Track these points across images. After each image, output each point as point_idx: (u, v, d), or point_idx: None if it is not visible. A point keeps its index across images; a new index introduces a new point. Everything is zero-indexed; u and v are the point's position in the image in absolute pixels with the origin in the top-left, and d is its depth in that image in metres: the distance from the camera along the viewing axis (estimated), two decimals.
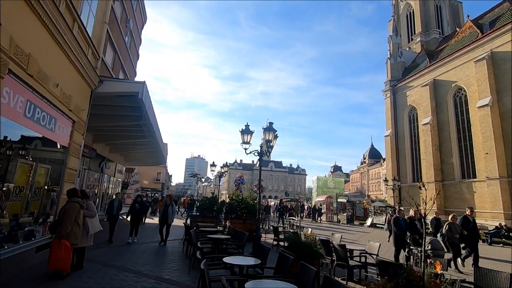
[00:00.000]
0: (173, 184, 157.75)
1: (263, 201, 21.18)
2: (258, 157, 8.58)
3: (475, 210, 25.60)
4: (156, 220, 14.89)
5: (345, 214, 23.42)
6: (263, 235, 10.81)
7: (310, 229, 8.48)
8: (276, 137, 8.36)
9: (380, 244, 6.15)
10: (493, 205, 22.31)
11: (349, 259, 5.47)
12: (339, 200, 25.49)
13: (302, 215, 22.75)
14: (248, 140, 8.55)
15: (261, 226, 10.89)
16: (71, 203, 4.98)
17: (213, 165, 17.68)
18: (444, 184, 27.80)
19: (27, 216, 6.10)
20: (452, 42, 29.98)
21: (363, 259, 5.82)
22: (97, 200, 17.08)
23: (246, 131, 8.54)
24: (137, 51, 21.46)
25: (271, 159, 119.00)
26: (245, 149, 8.56)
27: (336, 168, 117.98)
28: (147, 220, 16.24)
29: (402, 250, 7.64)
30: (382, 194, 79.43)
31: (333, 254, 5.82)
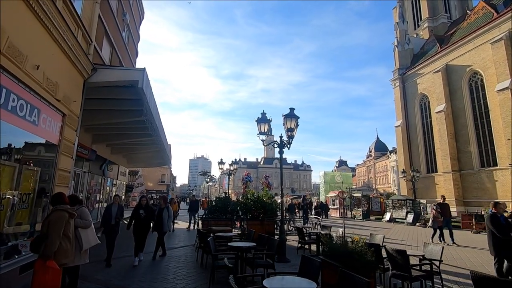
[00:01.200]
0: (177, 185, 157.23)
1: (285, 199, 20.05)
2: (276, 149, 7.47)
3: (496, 200, 24.44)
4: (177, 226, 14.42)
5: (360, 209, 22.27)
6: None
7: (340, 229, 7.36)
8: (297, 125, 7.23)
9: (443, 248, 4.99)
10: None
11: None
12: (354, 195, 24.34)
13: (311, 212, 21.65)
14: (265, 130, 7.44)
15: (277, 227, 9.80)
16: (57, 212, 3.88)
17: (221, 162, 16.56)
18: (461, 174, 26.53)
19: (13, 227, 5.07)
20: (464, 25, 28.59)
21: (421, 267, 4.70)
22: (100, 205, 16.08)
23: (263, 120, 7.43)
24: (135, 48, 20.37)
25: (275, 156, 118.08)
26: (263, 140, 7.44)
27: (342, 163, 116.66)
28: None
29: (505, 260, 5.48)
30: (390, 187, 78.14)
31: (385, 261, 4.72)
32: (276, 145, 7.35)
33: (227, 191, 11.30)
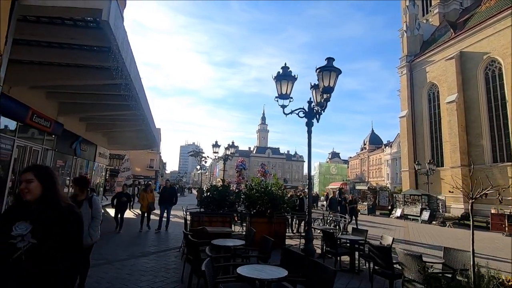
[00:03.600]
0: (167, 172, 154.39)
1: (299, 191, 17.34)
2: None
3: (509, 198, 22.97)
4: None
5: (365, 203, 20.47)
6: (289, 241, 7.58)
7: (390, 238, 5.24)
8: (335, 83, 4.94)
9: None
10: None
11: None
12: (358, 187, 22.48)
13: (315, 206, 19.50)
14: (287, 92, 5.16)
15: (288, 226, 7.64)
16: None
17: (215, 145, 14.16)
18: (471, 169, 24.86)
19: None
20: (483, 9, 26.49)
21: None
22: (71, 190, 13.63)
23: (285, 77, 5.14)
24: None
25: (268, 146, 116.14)
26: (283, 107, 5.16)
27: (334, 155, 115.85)
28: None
29: None
30: (384, 180, 77.44)
31: None
32: (302, 115, 5.08)
33: (223, 178, 8.89)
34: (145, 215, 10.50)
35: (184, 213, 7.02)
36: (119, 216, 9.86)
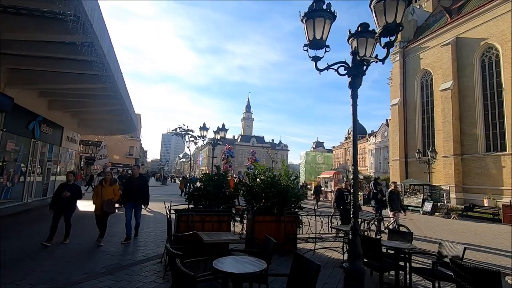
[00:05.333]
0: (148, 160, 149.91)
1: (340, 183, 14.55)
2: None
3: (501, 188, 22.72)
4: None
5: (361, 193, 19.48)
6: (302, 244, 6.07)
7: (460, 247, 3.82)
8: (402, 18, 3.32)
9: None
10: None
11: None
12: (351, 177, 21.35)
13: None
14: (322, 37, 3.51)
15: (300, 226, 6.12)
16: None
17: (203, 128, 12.25)
18: (463, 158, 24.48)
19: None
20: None
21: None
22: (30, 179, 11.54)
23: (319, 13, 3.47)
24: None
25: (253, 134, 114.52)
26: (316, 59, 3.54)
27: (318, 144, 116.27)
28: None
29: None
30: (367, 169, 78.17)
31: None
32: (344, 71, 3.47)
33: (217, 165, 6.71)
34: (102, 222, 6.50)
35: (168, 211, 4.83)
36: (65, 220, 6.32)
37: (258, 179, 6.02)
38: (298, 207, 5.99)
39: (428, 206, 14.37)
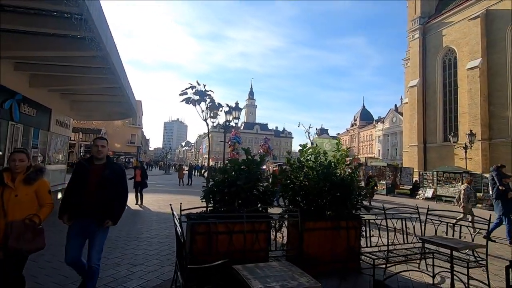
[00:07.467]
0: (151, 148, 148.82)
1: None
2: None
3: None
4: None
5: (384, 182, 17.75)
6: (367, 259, 4.29)
7: None
8: None
9: None
10: None
11: None
12: (373, 163, 19.65)
13: None
14: None
15: (364, 232, 4.32)
16: None
17: (235, 108, 9.80)
18: (491, 144, 22.55)
19: None
20: None
21: None
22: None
23: None
24: None
25: (256, 121, 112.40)
26: None
27: (323, 131, 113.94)
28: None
29: None
30: (374, 156, 76.38)
31: None
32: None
33: (246, 148, 4.76)
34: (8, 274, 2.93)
35: (177, 220, 2.88)
36: None
37: (305, 168, 4.24)
38: (361, 208, 4.23)
39: None
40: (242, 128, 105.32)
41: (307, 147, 4.52)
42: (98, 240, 3.06)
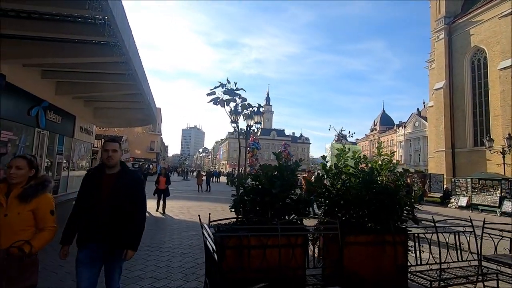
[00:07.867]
0: (169, 155, 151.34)
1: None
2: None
3: None
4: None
5: (414, 189, 16.78)
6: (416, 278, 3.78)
7: None
8: None
9: None
10: None
11: None
12: (398, 169, 18.66)
13: None
14: None
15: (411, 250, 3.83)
16: None
17: (249, 106, 8.69)
18: None
19: None
20: None
21: None
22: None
23: None
24: None
25: (273, 127, 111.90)
26: None
27: (341, 137, 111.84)
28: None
29: None
30: (397, 161, 73.77)
31: None
32: None
33: (278, 152, 4.61)
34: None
35: (208, 234, 2.77)
36: None
37: (343, 175, 3.84)
38: (408, 219, 3.77)
39: (508, 205, 11.62)
40: (258, 134, 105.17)
41: (344, 151, 4.11)
42: (117, 263, 2.52)
